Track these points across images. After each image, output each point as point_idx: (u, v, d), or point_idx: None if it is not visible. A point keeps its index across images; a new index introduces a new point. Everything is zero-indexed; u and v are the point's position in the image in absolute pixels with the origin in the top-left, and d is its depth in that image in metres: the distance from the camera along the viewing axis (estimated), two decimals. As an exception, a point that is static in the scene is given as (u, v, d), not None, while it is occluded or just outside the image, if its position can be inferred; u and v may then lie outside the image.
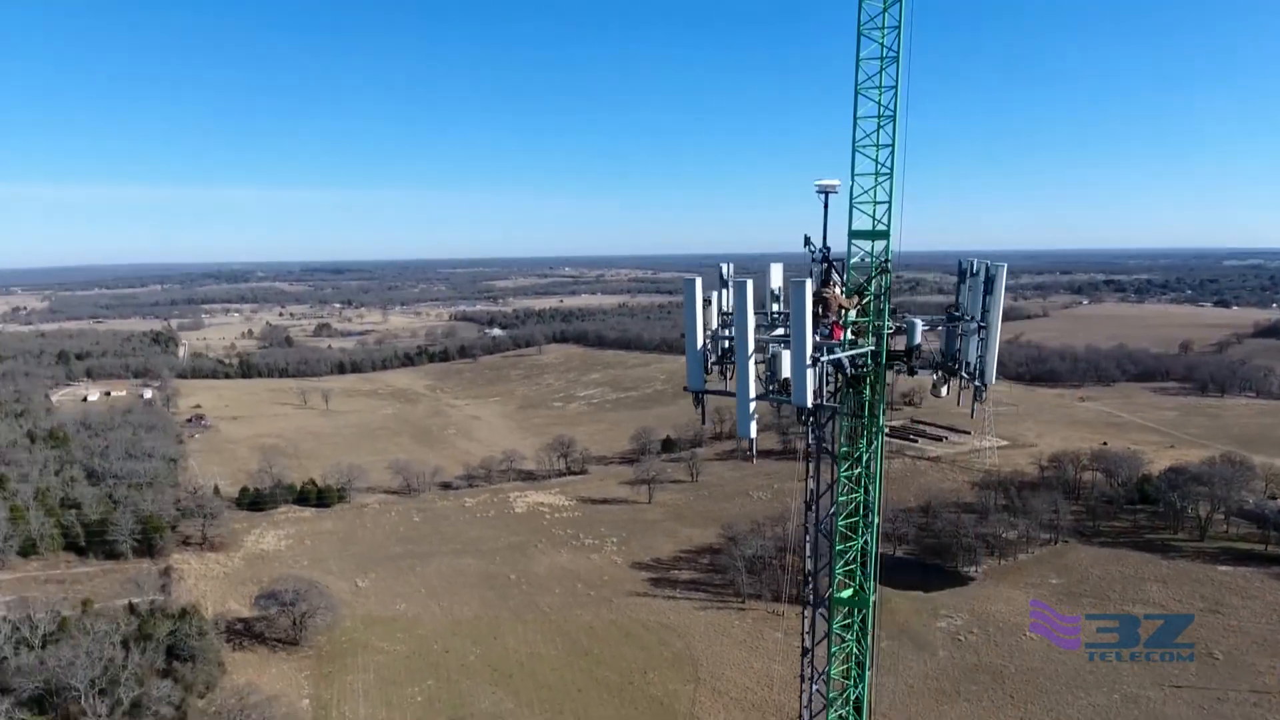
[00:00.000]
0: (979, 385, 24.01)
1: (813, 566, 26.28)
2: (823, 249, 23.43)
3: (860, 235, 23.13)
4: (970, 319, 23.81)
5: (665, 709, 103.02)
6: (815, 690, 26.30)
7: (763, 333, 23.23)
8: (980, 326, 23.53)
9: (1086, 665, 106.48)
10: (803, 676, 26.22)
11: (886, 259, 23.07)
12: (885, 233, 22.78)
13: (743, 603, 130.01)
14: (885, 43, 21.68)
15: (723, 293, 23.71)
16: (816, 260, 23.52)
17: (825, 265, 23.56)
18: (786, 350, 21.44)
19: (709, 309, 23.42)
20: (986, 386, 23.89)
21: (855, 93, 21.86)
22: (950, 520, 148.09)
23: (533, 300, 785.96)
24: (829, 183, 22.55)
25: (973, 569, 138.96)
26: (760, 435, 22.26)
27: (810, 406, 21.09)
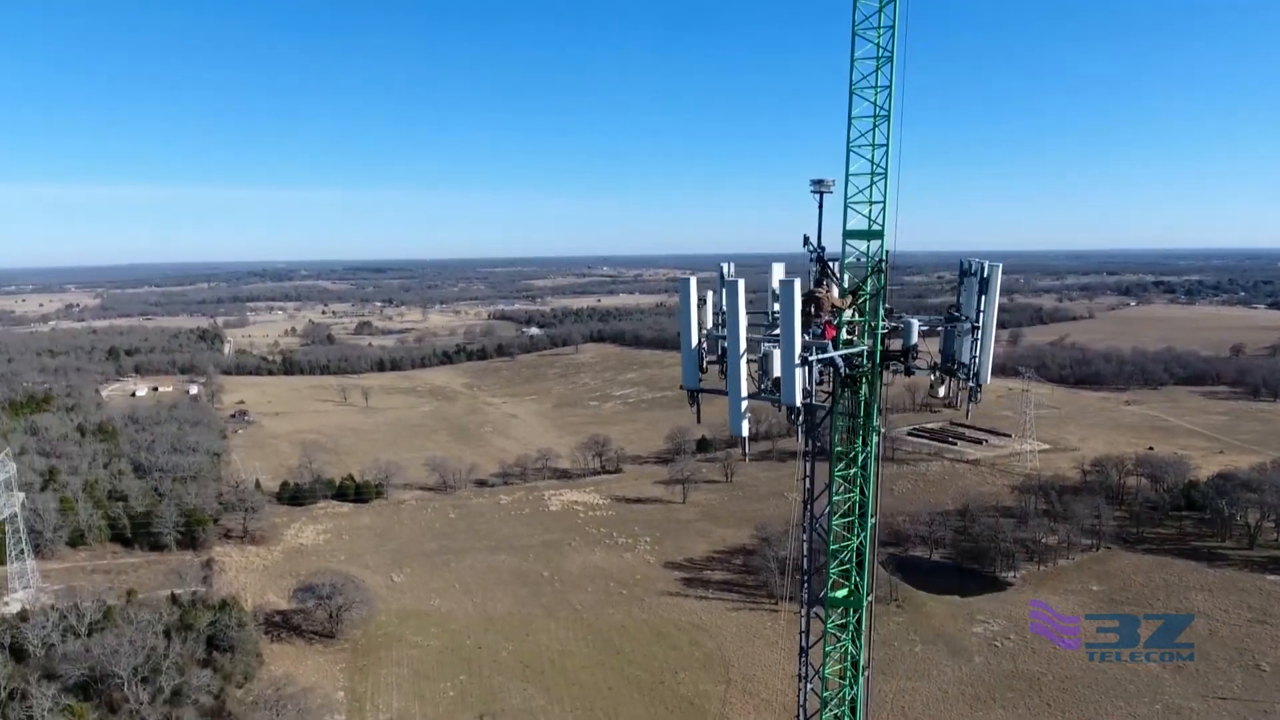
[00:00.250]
0: (973, 385, 23.92)
1: (808, 565, 26.30)
2: (817, 249, 23.45)
3: (855, 235, 23.12)
4: (965, 319, 23.72)
5: (696, 709, 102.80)
6: (809, 689, 26.26)
7: (761, 332, 23.31)
8: (974, 327, 23.43)
9: (1127, 674, 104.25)
10: (800, 676, 26.17)
11: (882, 259, 23.00)
12: (880, 233, 22.71)
13: (776, 604, 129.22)
14: (880, 43, 21.68)
15: (722, 292, 23.65)
16: (813, 260, 23.58)
17: (819, 265, 23.58)
18: (778, 349, 21.50)
19: (704, 308, 23.53)
20: (981, 386, 23.85)
21: (850, 92, 21.84)
22: (989, 524, 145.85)
23: (570, 300, 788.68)
24: (824, 181, 22.57)
25: (1011, 574, 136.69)
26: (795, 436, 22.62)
27: (799, 406, 21.10)
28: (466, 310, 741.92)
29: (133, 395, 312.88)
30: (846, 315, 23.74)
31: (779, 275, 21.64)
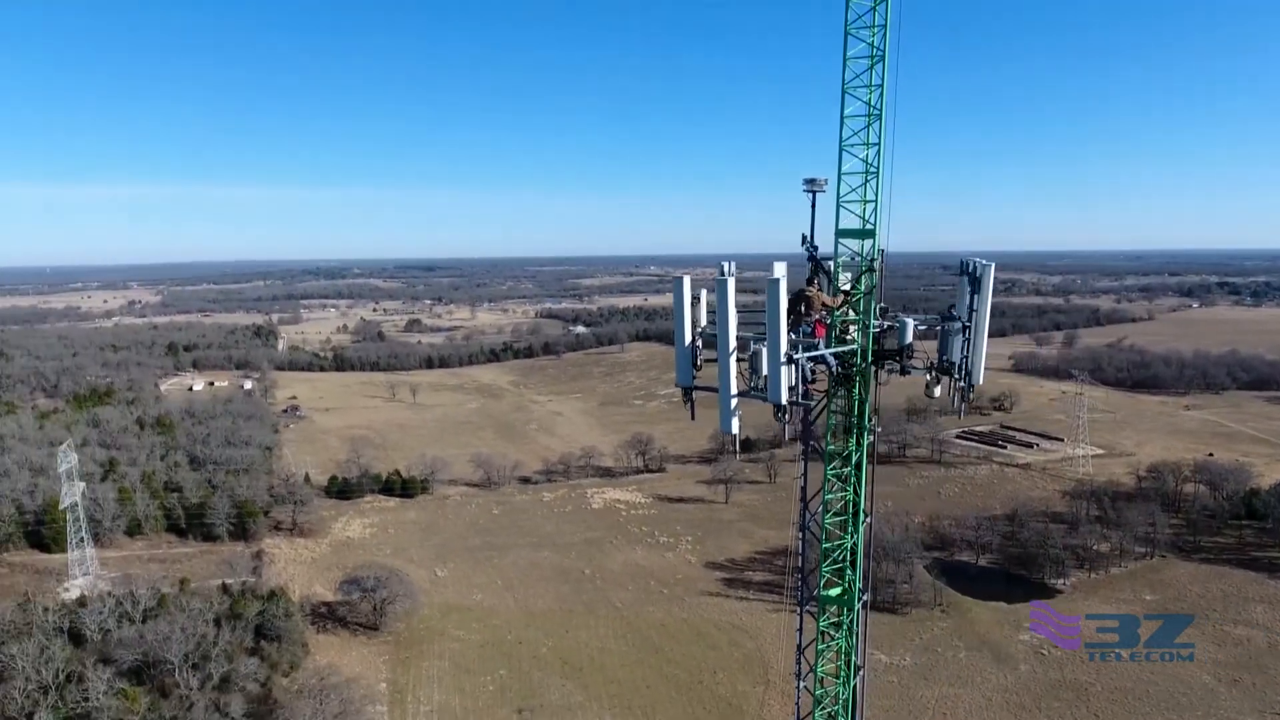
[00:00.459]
0: (963, 385, 23.87)
1: (802, 563, 26.58)
2: (810, 247, 23.58)
3: (847, 234, 23.11)
4: (957, 318, 23.71)
5: (734, 710, 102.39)
6: (803, 687, 26.36)
7: (758, 330, 23.37)
8: (965, 326, 23.41)
9: (1180, 686, 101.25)
10: (796, 674, 26.14)
11: (874, 257, 22.97)
12: (872, 231, 22.70)
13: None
14: (873, 42, 21.64)
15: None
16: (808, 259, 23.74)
17: (811, 263, 23.72)
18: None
19: (698, 306, 23.72)
20: (973, 387, 23.81)
21: (842, 91, 21.83)
22: (1038, 530, 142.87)
23: (617, 298, 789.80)
24: (816, 180, 22.67)
25: (1060, 581, 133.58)
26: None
27: (784, 403, 21.25)
28: (514, 308, 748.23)
29: (190, 390, 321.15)
30: (840, 314, 23.80)
31: (779, 274, 21.73)
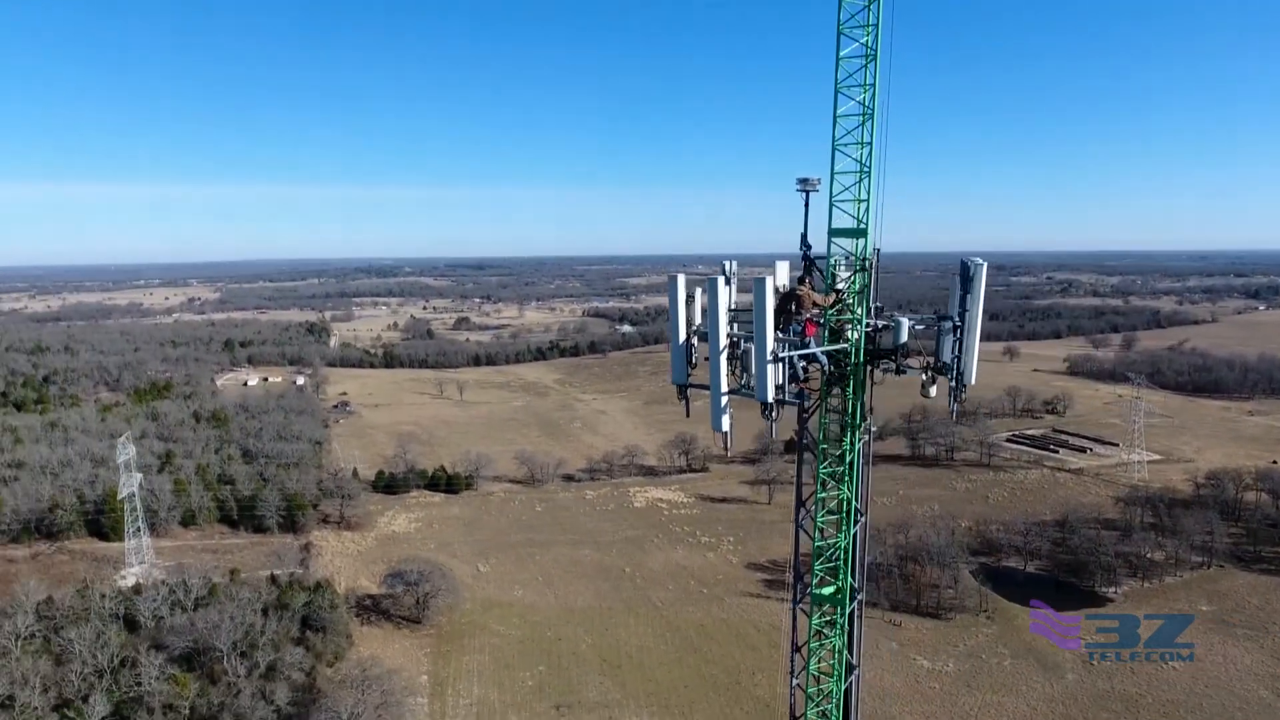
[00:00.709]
0: (954, 385, 23.73)
1: (795, 561, 26.52)
2: (804, 247, 23.57)
3: (840, 234, 23.02)
4: (948, 318, 23.55)
5: (771, 712, 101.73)
6: (796, 685, 26.20)
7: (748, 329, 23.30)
8: (956, 326, 23.23)
9: (1235, 700, 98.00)
10: (790, 672, 26.02)
11: (866, 257, 22.85)
12: (865, 231, 22.58)
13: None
14: (867, 41, 21.52)
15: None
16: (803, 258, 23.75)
17: (804, 262, 23.76)
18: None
19: (692, 305, 24.05)
20: (965, 387, 23.64)
21: (835, 91, 21.75)
22: (1089, 536, 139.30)
23: (664, 297, 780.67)
24: (809, 180, 22.65)
25: (1112, 590, 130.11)
26: (889, 439, 23.34)
27: (770, 401, 21.25)
28: (561, 307, 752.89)
29: (245, 385, 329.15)
30: (831, 313, 23.72)
31: (783, 274, 21.72)
